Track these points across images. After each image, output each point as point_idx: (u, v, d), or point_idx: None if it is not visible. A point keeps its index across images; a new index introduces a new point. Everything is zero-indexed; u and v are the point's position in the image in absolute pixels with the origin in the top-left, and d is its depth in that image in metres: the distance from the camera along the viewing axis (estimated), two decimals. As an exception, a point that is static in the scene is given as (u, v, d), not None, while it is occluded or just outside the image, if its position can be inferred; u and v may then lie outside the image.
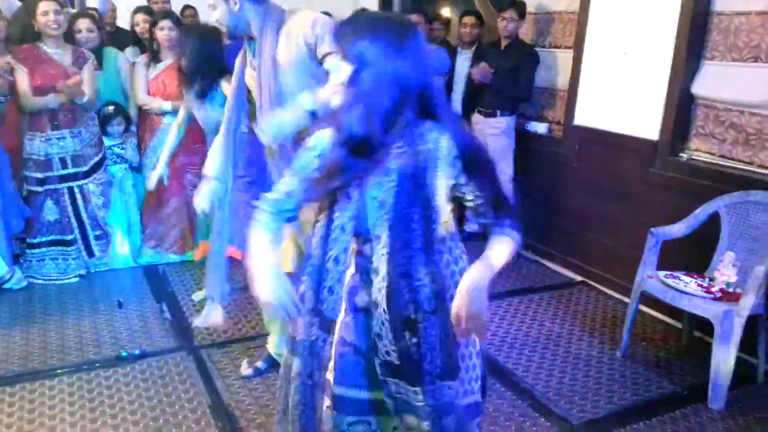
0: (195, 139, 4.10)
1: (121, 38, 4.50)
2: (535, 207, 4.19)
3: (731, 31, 3.14)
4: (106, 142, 3.94)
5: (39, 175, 3.69)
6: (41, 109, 3.60)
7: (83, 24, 3.94)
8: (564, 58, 4.18)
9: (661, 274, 2.88)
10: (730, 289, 2.76)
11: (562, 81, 4.21)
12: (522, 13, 4.22)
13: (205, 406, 2.60)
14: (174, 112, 3.91)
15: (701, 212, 2.99)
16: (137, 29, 4.27)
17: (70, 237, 3.82)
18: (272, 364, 2.81)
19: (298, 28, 2.21)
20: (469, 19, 4.68)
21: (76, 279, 3.83)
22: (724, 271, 2.82)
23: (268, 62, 2.24)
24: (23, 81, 3.54)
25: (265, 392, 2.70)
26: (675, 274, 2.88)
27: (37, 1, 3.53)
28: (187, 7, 5.14)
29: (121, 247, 4.06)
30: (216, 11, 2.28)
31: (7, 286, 3.63)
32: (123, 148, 4.03)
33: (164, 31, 3.86)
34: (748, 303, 2.59)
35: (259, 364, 2.87)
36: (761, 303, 2.66)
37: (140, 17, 4.26)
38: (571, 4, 4.10)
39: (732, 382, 2.63)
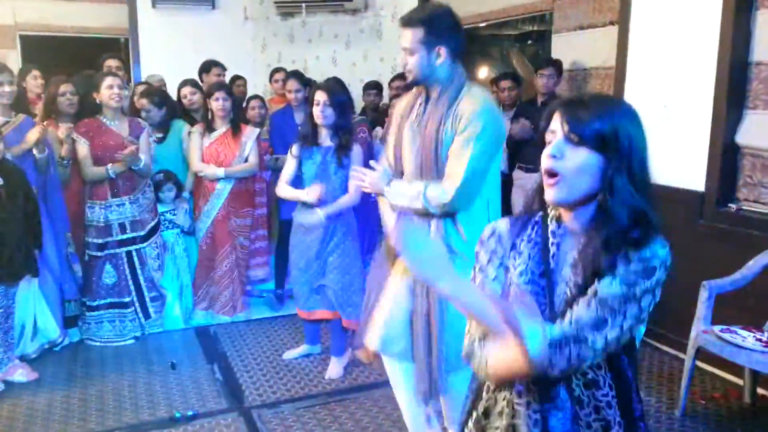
0: (246, 203, 4.26)
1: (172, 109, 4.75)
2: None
3: (772, 81, 3.14)
4: (159, 208, 4.12)
5: (99, 241, 3.86)
6: (101, 178, 3.80)
7: (143, 102, 4.24)
8: (603, 113, 4.21)
9: (717, 328, 2.81)
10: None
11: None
12: (560, 70, 4.31)
13: (257, 467, 2.61)
14: (227, 178, 4.08)
15: (755, 263, 2.93)
16: (184, 101, 4.50)
17: (127, 299, 3.96)
18: None
19: (463, 110, 2.13)
20: (506, 83, 4.77)
21: (132, 341, 3.95)
22: (783, 323, 2.73)
23: (432, 134, 2.17)
24: (84, 152, 3.77)
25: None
26: (731, 328, 2.81)
27: (104, 76, 3.80)
28: (237, 77, 5.43)
29: (174, 309, 4.18)
30: (411, 58, 2.19)
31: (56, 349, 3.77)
32: (174, 214, 4.19)
33: (219, 102, 4.07)
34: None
35: None
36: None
37: (187, 90, 4.49)
38: (607, 60, 4.16)
39: (800, 440, 2.52)
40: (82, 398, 3.25)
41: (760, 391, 3.06)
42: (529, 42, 6.08)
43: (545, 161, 1.23)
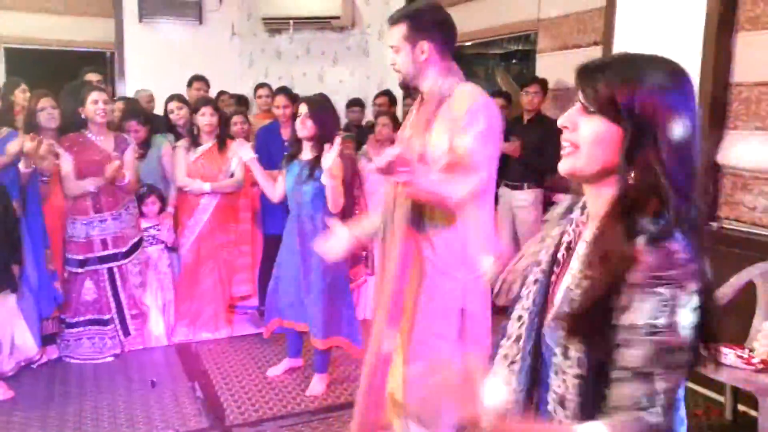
0: (230, 219, 4.24)
1: (157, 124, 4.74)
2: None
3: (752, 101, 3.19)
4: (143, 224, 4.07)
5: (80, 257, 3.80)
6: (83, 193, 3.75)
7: (131, 126, 4.20)
8: (587, 131, 4.26)
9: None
10: (773, 362, 2.68)
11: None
12: (545, 89, 4.35)
13: (238, 488, 2.56)
14: (213, 193, 4.06)
15: (735, 281, 2.94)
16: (171, 116, 4.48)
17: (107, 316, 3.89)
18: None
19: (455, 110, 2.01)
20: (498, 101, 4.78)
21: (111, 358, 3.88)
22: (764, 341, 2.75)
23: (418, 140, 2.07)
24: (67, 167, 3.72)
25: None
26: (713, 345, 2.81)
27: (89, 90, 3.77)
28: (222, 92, 5.43)
29: (156, 326, 4.12)
30: (396, 56, 2.11)
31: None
32: (158, 229, 4.15)
33: (206, 117, 4.06)
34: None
35: None
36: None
37: (173, 105, 4.48)
38: (591, 80, 4.21)
39: (783, 459, 2.52)
40: (59, 417, 3.18)
41: (741, 408, 3.07)
42: (514, 61, 6.14)
43: (564, 133, 1.11)
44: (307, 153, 3.33)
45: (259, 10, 6.41)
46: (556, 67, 4.55)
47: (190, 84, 5.03)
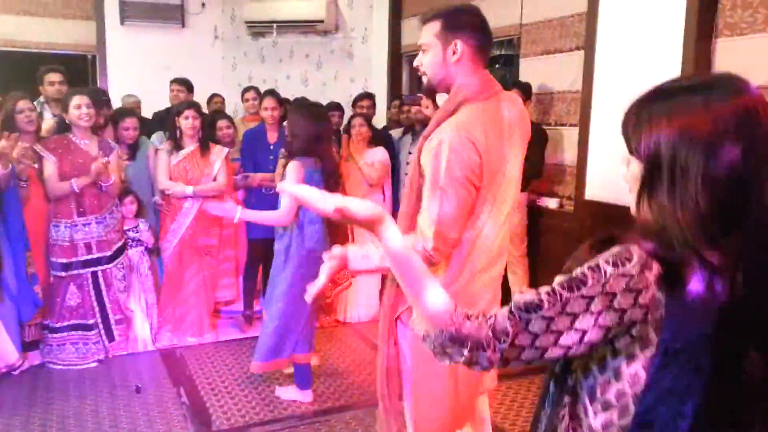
0: (214, 223, 4.22)
1: (145, 127, 4.72)
2: (548, 282, 4.19)
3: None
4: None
5: (64, 261, 3.76)
6: (67, 195, 3.71)
7: (130, 123, 4.20)
8: (570, 134, 4.30)
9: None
10: None
11: (570, 157, 4.31)
12: (528, 94, 4.38)
13: (225, 493, 2.55)
14: (195, 197, 4.04)
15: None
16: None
17: (91, 321, 3.85)
18: None
19: (440, 136, 1.83)
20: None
21: (95, 364, 3.84)
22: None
23: (414, 164, 1.94)
24: (50, 169, 3.68)
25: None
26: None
27: (72, 95, 3.73)
28: (215, 95, 5.42)
29: (141, 329, 4.08)
30: (424, 56, 1.94)
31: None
32: (138, 232, 4.11)
33: (188, 120, 4.04)
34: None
35: None
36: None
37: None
38: (573, 84, 4.26)
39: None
40: (42, 423, 3.14)
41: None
42: (497, 66, 6.19)
43: None
44: None
45: (242, 14, 6.40)
46: (539, 71, 4.60)
47: (170, 86, 5.02)
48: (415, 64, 2.03)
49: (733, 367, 0.93)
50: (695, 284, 0.91)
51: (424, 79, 2.00)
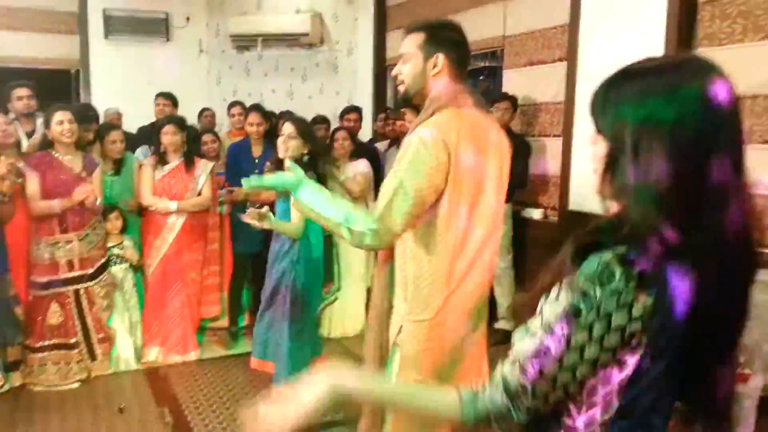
0: (199, 238, 4.17)
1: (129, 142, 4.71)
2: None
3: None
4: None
5: (44, 279, 3.71)
6: (49, 213, 3.66)
7: (116, 135, 4.16)
8: (553, 145, 4.32)
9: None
10: (738, 370, 2.73)
11: (554, 168, 4.32)
12: (515, 105, 4.39)
13: None
14: (179, 212, 4.01)
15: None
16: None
17: (72, 340, 3.79)
18: None
19: (416, 133, 1.86)
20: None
21: (77, 384, 3.77)
22: (731, 352, 2.79)
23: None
24: (33, 186, 3.64)
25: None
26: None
27: (54, 111, 3.70)
28: (205, 109, 5.41)
29: (124, 348, 4.03)
30: (404, 66, 1.97)
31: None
32: (122, 248, 4.08)
33: (167, 136, 4.01)
34: (758, 383, 2.55)
35: None
36: (772, 383, 2.62)
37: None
38: (557, 95, 4.28)
39: (751, 468, 2.56)
40: (22, 447, 3.09)
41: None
42: (482, 77, 6.21)
43: None
44: None
45: (227, 28, 6.40)
46: (522, 82, 4.62)
47: (155, 100, 5.01)
48: (394, 73, 2.05)
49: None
50: (676, 281, 0.93)
51: (401, 88, 2.02)
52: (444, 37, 1.97)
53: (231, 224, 4.41)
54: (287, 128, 3.22)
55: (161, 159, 4.09)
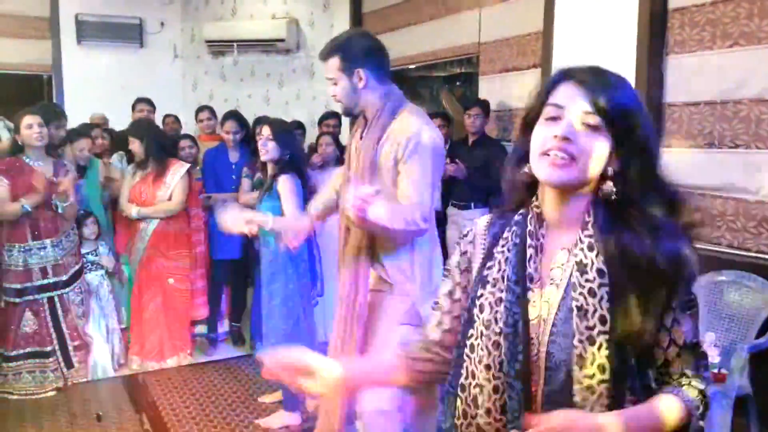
0: (176, 244, 4.12)
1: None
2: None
3: (684, 121, 3.36)
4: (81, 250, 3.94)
5: (18, 286, 3.65)
6: (21, 218, 3.60)
7: (85, 143, 4.13)
8: (530, 151, 4.38)
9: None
10: (715, 370, 2.79)
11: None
12: (487, 111, 4.46)
13: None
14: (140, 218, 4.01)
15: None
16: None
17: (48, 348, 3.74)
18: None
19: (398, 135, 2.10)
20: (436, 122, 4.86)
21: (54, 392, 3.71)
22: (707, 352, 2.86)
23: (367, 160, 2.14)
24: (2, 192, 3.58)
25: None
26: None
27: (22, 115, 3.64)
28: (167, 116, 5.35)
29: (101, 355, 3.98)
30: (335, 87, 2.17)
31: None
32: (97, 255, 4.03)
33: (134, 145, 4.04)
34: (734, 383, 2.62)
35: None
36: (747, 382, 2.69)
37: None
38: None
39: (725, 465, 2.62)
40: (-3, 457, 3.03)
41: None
42: (458, 83, 6.27)
43: (553, 142, 1.05)
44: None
45: (202, 33, 6.36)
46: (498, 88, 4.68)
47: (134, 107, 4.95)
48: (330, 94, 2.23)
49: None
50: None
51: (340, 108, 2.25)
52: (357, 52, 2.14)
53: (207, 231, 4.38)
54: (265, 131, 3.25)
55: (141, 165, 4.08)
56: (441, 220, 4.19)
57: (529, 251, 1.11)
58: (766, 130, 2.99)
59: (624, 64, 3.52)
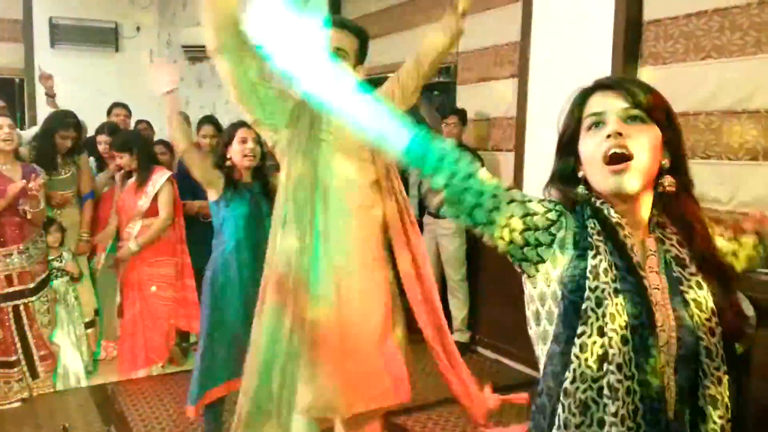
0: (160, 252, 4.03)
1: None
2: (489, 306, 4.25)
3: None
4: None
5: (-19, 295, 3.56)
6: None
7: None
8: (506, 159, 4.39)
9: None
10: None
11: (506, 181, 4.37)
12: (464, 120, 4.47)
13: None
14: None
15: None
16: (99, 148, 4.38)
17: (12, 358, 3.64)
18: None
19: None
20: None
21: (19, 404, 3.62)
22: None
23: None
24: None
25: None
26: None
27: None
28: (140, 121, 5.29)
29: (72, 363, 3.89)
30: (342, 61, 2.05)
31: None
32: (61, 261, 3.95)
33: (123, 159, 4.01)
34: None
35: None
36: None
37: (102, 137, 4.39)
38: (509, 111, 4.36)
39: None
40: (-44, 471, 2.94)
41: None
42: (436, 92, 6.28)
43: (608, 141, 1.06)
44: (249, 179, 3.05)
45: (178, 39, 6.31)
46: (476, 98, 4.69)
47: (109, 111, 4.88)
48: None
49: None
50: None
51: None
52: (366, 50, 2.22)
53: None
54: (249, 133, 2.99)
55: (129, 175, 4.04)
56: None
57: (627, 241, 1.10)
58: (738, 142, 3.02)
59: (599, 74, 3.54)
